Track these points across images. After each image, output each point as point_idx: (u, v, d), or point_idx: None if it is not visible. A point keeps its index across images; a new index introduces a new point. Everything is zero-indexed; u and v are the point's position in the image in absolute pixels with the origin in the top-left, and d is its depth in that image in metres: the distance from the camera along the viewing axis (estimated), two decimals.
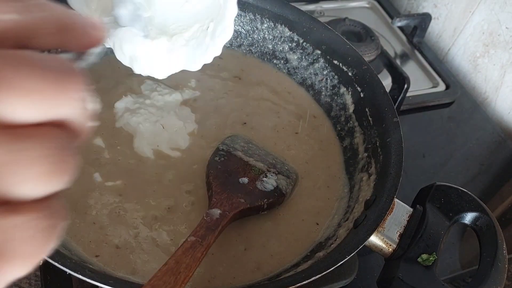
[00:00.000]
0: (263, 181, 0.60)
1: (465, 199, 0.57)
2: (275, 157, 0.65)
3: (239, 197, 0.56)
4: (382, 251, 0.53)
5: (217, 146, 0.64)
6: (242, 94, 0.74)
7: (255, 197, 0.58)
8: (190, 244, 0.47)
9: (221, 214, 0.53)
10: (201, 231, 0.49)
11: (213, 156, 0.62)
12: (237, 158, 0.62)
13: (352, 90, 0.71)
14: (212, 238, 0.49)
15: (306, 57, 0.77)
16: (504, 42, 0.99)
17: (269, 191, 0.60)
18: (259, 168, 0.62)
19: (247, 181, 0.60)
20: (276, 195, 0.60)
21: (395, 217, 0.54)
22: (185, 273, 0.44)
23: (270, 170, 0.62)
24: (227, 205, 0.55)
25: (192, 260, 0.45)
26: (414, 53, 1.08)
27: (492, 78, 1.03)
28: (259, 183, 0.60)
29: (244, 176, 0.60)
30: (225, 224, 0.52)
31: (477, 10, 1.04)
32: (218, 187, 0.57)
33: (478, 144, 0.94)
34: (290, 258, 0.57)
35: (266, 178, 0.61)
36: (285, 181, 0.62)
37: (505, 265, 0.51)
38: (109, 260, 0.52)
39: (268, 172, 0.62)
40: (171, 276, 0.43)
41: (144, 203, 0.58)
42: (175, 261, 0.44)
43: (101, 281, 0.43)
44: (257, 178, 0.60)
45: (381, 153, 0.61)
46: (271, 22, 0.77)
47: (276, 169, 0.63)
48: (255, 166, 0.62)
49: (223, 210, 0.53)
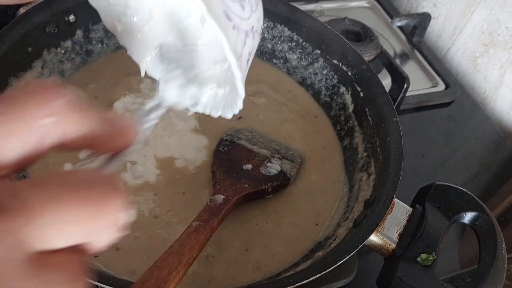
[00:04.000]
0: (267, 166, 0.61)
1: (465, 198, 0.57)
2: (279, 143, 0.67)
3: (243, 183, 0.58)
4: (381, 250, 0.53)
5: (221, 137, 0.65)
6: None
7: (259, 182, 0.59)
8: (194, 228, 0.48)
9: (224, 199, 0.54)
10: (205, 216, 0.50)
11: (218, 147, 0.64)
12: (241, 146, 0.64)
13: (352, 89, 0.71)
14: (216, 222, 0.50)
15: (305, 57, 0.77)
16: (503, 41, 0.99)
17: (273, 175, 0.61)
18: (263, 155, 0.63)
19: (251, 167, 0.61)
20: (280, 179, 0.61)
21: (394, 216, 0.54)
22: (189, 254, 0.45)
23: (274, 155, 0.64)
24: (230, 190, 0.56)
25: (195, 242, 0.46)
26: (414, 52, 1.08)
27: (492, 78, 1.03)
28: (263, 168, 0.61)
29: (248, 163, 0.61)
30: (229, 208, 0.53)
31: (476, 9, 1.04)
32: (221, 174, 0.59)
33: (478, 143, 0.94)
34: (290, 258, 0.57)
35: (270, 163, 0.62)
36: (289, 165, 0.63)
37: (504, 264, 0.51)
38: (108, 261, 0.52)
39: (272, 157, 0.63)
40: (175, 257, 0.43)
41: (146, 204, 0.58)
42: (180, 244, 0.45)
43: (100, 281, 0.43)
44: (261, 164, 0.62)
45: (380, 152, 0.61)
46: (270, 22, 0.77)
47: (280, 154, 0.64)
48: (259, 153, 0.63)
49: (226, 195, 0.55)
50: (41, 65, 0.64)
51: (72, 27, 0.68)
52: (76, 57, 0.70)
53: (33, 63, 0.63)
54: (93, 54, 0.72)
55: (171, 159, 0.63)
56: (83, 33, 0.70)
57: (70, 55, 0.69)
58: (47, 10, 0.63)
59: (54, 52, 0.66)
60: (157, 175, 0.61)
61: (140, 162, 0.61)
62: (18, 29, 0.60)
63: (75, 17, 0.67)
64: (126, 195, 0.22)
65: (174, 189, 0.60)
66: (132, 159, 0.61)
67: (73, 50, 0.69)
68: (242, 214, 0.59)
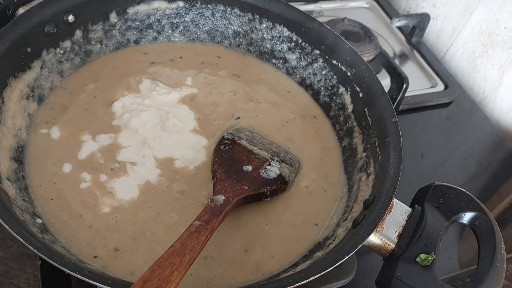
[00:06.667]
0: (267, 169, 0.62)
1: (464, 199, 0.57)
2: (279, 145, 0.67)
3: (243, 184, 0.58)
4: (380, 251, 0.53)
5: (222, 135, 0.65)
6: (241, 91, 0.74)
7: (259, 184, 0.59)
8: (195, 228, 0.48)
9: (225, 200, 0.54)
10: (206, 216, 0.51)
11: (218, 145, 0.64)
12: (242, 146, 0.64)
13: (351, 90, 0.71)
14: (216, 223, 0.50)
15: (305, 57, 0.77)
16: (502, 42, 0.99)
17: (272, 178, 0.61)
18: (263, 157, 0.63)
19: (251, 169, 0.61)
20: (279, 183, 0.61)
21: (393, 217, 0.54)
22: (190, 254, 0.45)
23: (274, 158, 0.64)
24: (231, 191, 0.56)
25: (196, 242, 0.47)
26: (413, 53, 1.08)
27: (491, 78, 1.03)
28: (262, 171, 0.61)
29: (248, 164, 0.62)
30: (229, 209, 0.54)
31: (475, 10, 1.04)
32: (222, 174, 0.59)
33: (477, 144, 0.94)
34: (290, 259, 0.57)
35: (269, 166, 0.62)
36: (288, 169, 0.64)
37: (503, 264, 0.51)
38: (107, 261, 0.52)
39: (271, 160, 0.63)
40: (177, 257, 0.44)
41: (145, 206, 0.58)
42: (181, 244, 0.46)
43: (99, 281, 0.43)
44: (261, 166, 0.62)
45: (380, 153, 0.61)
46: (270, 22, 0.77)
47: (279, 157, 0.65)
48: (259, 154, 0.63)
49: (227, 196, 0.55)
50: (40, 65, 0.64)
51: (71, 27, 0.68)
52: (75, 57, 0.70)
53: (32, 63, 0.63)
54: (92, 54, 0.72)
55: (170, 160, 0.63)
56: (82, 33, 0.70)
57: (69, 55, 0.69)
58: (46, 11, 0.63)
59: (53, 52, 0.66)
60: (158, 175, 0.61)
61: (140, 163, 0.61)
62: (17, 29, 0.60)
63: (74, 17, 0.67)
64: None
65: (174, 189, 0.60)
66: (132, 159, 0.61)
67: (72, 51, 0.69)
68: (242, 215, 0.59)
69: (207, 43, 0.80)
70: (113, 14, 0.72)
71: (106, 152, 0.62)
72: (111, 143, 0.63)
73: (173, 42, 0.79)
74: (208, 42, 0.80)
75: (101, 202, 0.57)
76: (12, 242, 0.65)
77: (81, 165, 0.60)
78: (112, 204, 0.57)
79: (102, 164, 0.60)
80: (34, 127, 0.62)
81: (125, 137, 0.64)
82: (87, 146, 0.62)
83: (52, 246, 0.48)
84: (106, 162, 0.60)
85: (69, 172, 0.59)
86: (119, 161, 0.61)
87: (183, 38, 0.79)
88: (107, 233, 0.54)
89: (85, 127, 0.64)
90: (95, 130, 0.64)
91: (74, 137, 0.62)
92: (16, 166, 0.56)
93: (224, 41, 0.80)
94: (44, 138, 0.62)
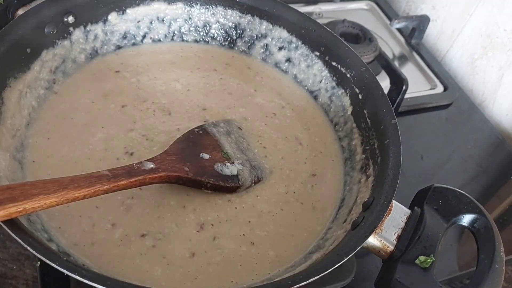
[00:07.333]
0: (225, 165, 0.59)
1: (463, 201, 0.57)
2: (255, 153, 0.65)
3: (186, 166, 0.56)
4: (379, 252, 0.53)
5: (207, 121, 0.65)
6: (239, 91, 0.74)
7: (203, 173, 0.57)
8: (98, 174, 0.46)
9: (153, 168, 0.52)
10: (118, 171, 0.48)
11: (195, 128, 0.63)
12: (214, 139, 0.62)
13: (351, 91, 0.71)
14: (125, 182, 0.48)
15: (304, 59, 0.77)
16: (502, 44, 0.99)
17: (223, 174, 0.59)
18: (229, 155, 0.61)
19: (208, 158, 0.59)
20: (228, 181, 0.59)
21: (393, 218, 0.54)
22: (72, 190, 0.42)
23: (240, 161, 0.62)
24: (166, 164, 0.53)
25: (87, 185, 0.44)
26: (412, 55, 1.08)
27: (490, 80, 1.03)
28: (219, 164, 0.59)
29: (209, 153, 0.60)
30: (153, 178, 0.51)
31: (475, 12, 1.04)
32: (172, 149, 0.57)
33: (476, 146, 0.94)
34: (288, 260, 0.57)
35: (231, 164, 0.60)
36: (248, 174, 0.61)
37: (502, 266, 0.51)
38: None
39: (236, 161, 0.61)
40: (56, 186, 0.42)
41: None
42: (71, 179, 0.43)
43: (99, 282, 0.43)
44: (221, 161, 0.60)
45: (379, 154, 0.61)
46: (269, 24, 0.77)
47: (249, 162, 0.63)
48: (227, 151, 0.61)
49: (158, 166, 0.52)
50: (40, 66, 0.64)
51: (71, 28, 0.68)
52: (75, 57, 0.70)
53: (32, 64, 0.63)
54: (92, 54, 0.72)
55: None
56: (82, 34, 0.70)
57: (69, 55, 0.69)
58: (46, 11, 0.63)
59: (53, 52, 0.66)
60: None
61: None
62: (17, 30, 0.60)
63: (74, 18, 0.67)
64: None
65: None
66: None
67: (72, 51, 0.69)
68: (240, 215, 0.59)
69: (206, 44, 0.80)
70: (113, 14, 0.72)
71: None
72: None
73: (174, 42, 0.79)
74: (208, 43, 0.80)
75: None
76: (10, 243, 0.65)
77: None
78: None
79: None
80: (34, 127, 0.62)
81: None
82: None
83: (50, 247, 0.48)
84: None
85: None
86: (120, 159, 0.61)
87: (182, 39, 0.79)
88: None
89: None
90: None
91: (74, 137, 0.62)
92: (16, 166, 0.56)
93: (223, 42, 0.80)
94: (44, 138, 0.62)
